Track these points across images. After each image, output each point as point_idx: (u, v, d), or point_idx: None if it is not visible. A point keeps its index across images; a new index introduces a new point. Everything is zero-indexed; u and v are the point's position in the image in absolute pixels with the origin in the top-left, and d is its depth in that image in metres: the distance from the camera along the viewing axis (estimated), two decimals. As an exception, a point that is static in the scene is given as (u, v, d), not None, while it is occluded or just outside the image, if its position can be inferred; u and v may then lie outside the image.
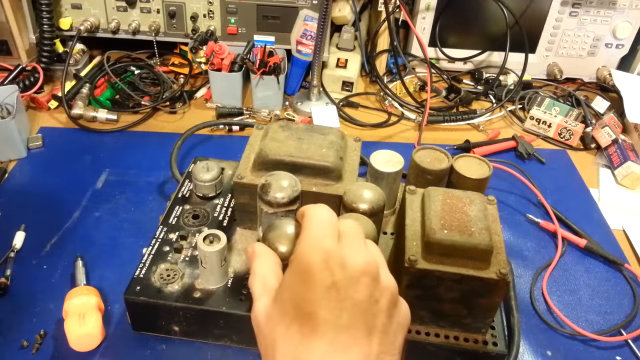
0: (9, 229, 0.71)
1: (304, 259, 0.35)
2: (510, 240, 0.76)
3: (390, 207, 0.69)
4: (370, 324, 0.34)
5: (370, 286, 0.35)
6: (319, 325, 0.33)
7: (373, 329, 0.34)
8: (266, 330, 0.36)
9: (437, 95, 1.07)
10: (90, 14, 1.02)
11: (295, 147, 0.60)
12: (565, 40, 1.11)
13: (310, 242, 0.36)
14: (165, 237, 0.63)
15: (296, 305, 0.35)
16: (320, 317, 0.33)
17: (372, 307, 0.35)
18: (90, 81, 0.99)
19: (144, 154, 0.87)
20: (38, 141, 0.88)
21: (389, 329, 0.36)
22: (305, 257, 0.35)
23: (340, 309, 0.34)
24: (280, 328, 0.35)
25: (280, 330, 0.35)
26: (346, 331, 0.33)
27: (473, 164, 0.64)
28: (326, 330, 0.33)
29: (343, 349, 0.33)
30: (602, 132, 0.95)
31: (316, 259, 0.35)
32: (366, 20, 1.18)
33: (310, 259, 0.35)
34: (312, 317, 0.34)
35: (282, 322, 0.35)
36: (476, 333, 0.56)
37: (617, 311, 0.67)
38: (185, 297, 0.57)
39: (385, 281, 0.36)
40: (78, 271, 0.65)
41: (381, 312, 0.35)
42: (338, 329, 0.33)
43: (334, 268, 0.34)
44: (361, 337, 0.34)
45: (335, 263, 0.35)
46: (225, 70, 0.97)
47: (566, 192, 0.86)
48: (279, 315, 0.36)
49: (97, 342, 0.58)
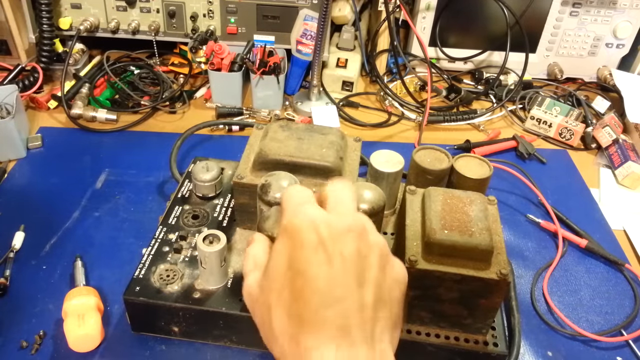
0: (9, 229, 0.71)
1: (289, 225, 0.36)
2: (510, 240, 0.76)
3: (391, 207, 0.69)
4: (361, 277, 0.35)
5: (357, 242, 0.36)
6: (310, 281, 0.34)
7: (365, 281, 0.35)
8: (260, 300, 0.37)
9: (437, 95, 1.07)
10: (90, 13, 1.02)
11: (295, 147, 0.60)
12: (566, 40, 1.11)
13: (293, 210, 0.38)
14: (164, 238, 0.63)
15: (286, 268, 0.35)
16: (310, 273, 0.34)
17: (361, 261, 0.35)
18: (89, 81, 0.99)
19: (143, 154, 0.87)
20: (37, 141, 0.88)
21: (382, 283, 0.36)
22: (291, 223, 0.36)
23: (330, 264, 0.34)
24: (273, 293, 0.36)
25: (273, 296, 0.36)
26: (338, 283, 0.34)
27: (473, 164, 0.64)
28: (318, 284, 0.34)
29: (336, 301, 0.34)
30: (603, 132, 0.95)
31: (301, 222, 0.36)
32: (366, 20, 1.18)
33: (295, 222, 0.36)
34: (302, 274, 0.34)
35: (274, 288, 0.36)
36: (476, 334, 0.56)
37: (617, 311, 0.67)
38: (185, 298, 0.56)
39: (373, 239, 0.37)
40: (77, 271, 0.65)
41: (372, 267, 0.36)
42: (330, 282, 0.34)
43: (320, 228, 0.35)
44: (353, 288, 0.34)
45: (321, 223, 0.36)
46: (225, 70, 0.96)
47: (567, 192, 0.86)
48: (271, 282, 0.36)
49: (96, 343, 0.58)
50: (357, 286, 0.34)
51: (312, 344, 0.33)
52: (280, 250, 0.36)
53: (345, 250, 0.35)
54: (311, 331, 0.33)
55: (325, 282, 0.34)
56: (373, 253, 0.36)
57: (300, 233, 0.35)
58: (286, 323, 0.34)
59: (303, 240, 0.35)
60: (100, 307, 0.60)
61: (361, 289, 0.34)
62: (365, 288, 0.35)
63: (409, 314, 0.55)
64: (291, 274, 0.35)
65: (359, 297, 0.34)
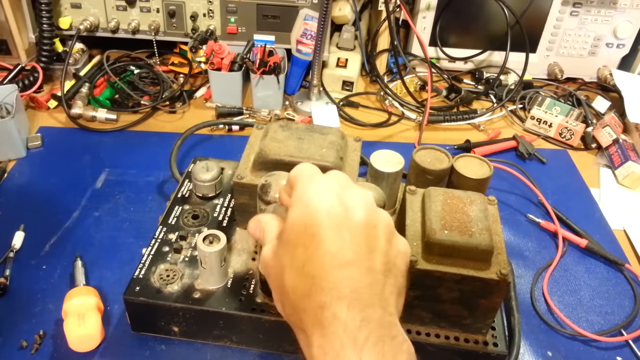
0: (8, 229, 0.71)
1: (303, 193, 0.38)
2: (510, 240, 0.76)
3: (391, 207, 0.69)
4: (370, 244, 0.37)
5: (366, 212, 0.37)
6: (323, 242, 0.35)
7: (374, 248, 0.37)
8: (274, 264, 0.39)
9: (437, 94, 1.07)
10: (90, 13, 1.02)
11: (295, 147, 0.60)
12: (566, 39, 1.11)
13: (305, 181, 0.39)
14: (164, 238, 0.63)
15: (300, 232, 0.37)
16: (323, 235, 0.36)
17: (370, 230, 0.37)
18: (89, 81, 0.99)
19: (143, 153, 0.87)
20: (37, 141, 0.88)
21: (390, 251, 0.38)
22: (304, 191, 0.38)
23: (341, 229, 0.36)
24: (287, 256, 0.37)
25: (287, 258, 0.37)
26: (349, 247, 0.35)
27: (473, 164, 0.64)
28: (331, 246, 0.35)
29: (348, 263, 0.35)
30: (603, 132, 0.95)
31: (314, 190, 0.38)
32: (366, 20, 1.18)
33: (309, 190, 0.38)
34: (316, 236, 0.36)
35: (288, 251, 0.37)
36: (476, 334, 0.56)
37: (617, 311, 0.67)
38: (185, 298, 0.56)
39: (380, 212, 0.39)
40: (77, 271, 0.65)
41: (379, 236, 0.37)
42: (342, 245, 0.35)
43: (332, 196, 0.37)
44: (363, 253, 0.36)
45: (333, 192, 0.38)
46: (225, 70, 0.96)
47: (567, 192, 0.86)
48: (285, 247, 0.38)
49: (96, 343, 0.58)
50: (367, 252, 0.36)
51: (325, 301, 0.34)
52: (294, 217, 0.38)
53: (355, 218, 0.37)
54: (324, 289, 0.34)
55: (337, 246, 0.35)
56: (380, 224, 0.38)
57: (313, 199, 0.37)
58: (299, 282, 0.36)
59: (316, 207, 0.37)
60: (100, 307, 0.60)
61: (370, 255, 0.36)
62: (374, 254, 0.36)
63: (409, 314, 0.55)
64: (305, 237, 0.36)
65: (369, 261, 0.36)
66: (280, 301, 0.39)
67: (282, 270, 0.37)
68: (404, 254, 0.40)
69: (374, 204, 0.39)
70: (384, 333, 0.33)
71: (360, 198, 0.38)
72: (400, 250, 0.39)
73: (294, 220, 0.38)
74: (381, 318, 0.34)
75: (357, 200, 0.38)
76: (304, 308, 0.35)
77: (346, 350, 0.32)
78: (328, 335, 0.33)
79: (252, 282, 0.59)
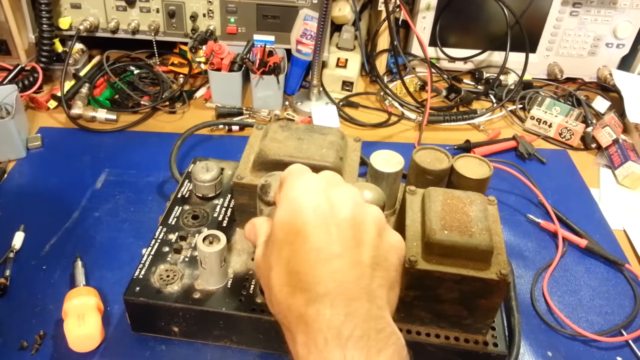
0: (8, 230, 0.71)
1: (290, 191, 0.38)
2: (510, 240, 0.76)
3: (391, 208, 0.69)
4: (357, 239, 0.36)
5: (354, 208, 0.37)
6: (308, 238, 0.35)
7: (361, 242, 0.36)
8: (263, 265, 0.39)
9: (437, 95, 1.07)
10: (90, 13, 1.02)
11: (295, 147, 0.60)
12: (566, 40, 1.11)
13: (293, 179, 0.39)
14: (164, 238, 0.63)
15: (286, 230, 0.37)
16: (309, 232, 0.35)
17: (357, 225, 0.37)
18: (89, 81, 0.99)
19: (143, 154, 0.87)
20: (37, 141, 0.88)
21: (380, 245, 0.37)
22: (291, 188, 0.38)
23: (327, 225, 0.36)
24: (273, 255, 0.37)
25: (274, 256, 0.37)
26: (336, 241, 0.35)
27: (473, 164, 0.64)
28: (316, 242, 0.35)
29: (334, 257, 0.35)
30: (603, 132, 0.95)
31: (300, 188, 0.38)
32: (366, 20, 1.18)
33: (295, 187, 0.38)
34: (301, 233, 0.36)
35: (274, 250, 0.37)
36: (476, 334, 0.56)
37: (617, 311, 0.67)
38: (185, 298, 0.56)
39: (369, 207, 0.39)
40: (77, 271, 0.65)
41: (368, 231, 0.37)
42: (328, 239, 0.35)
43: (318, 195, 0.37)
44: (351, 247, 0.36)
45: (319, 189, 0.38)
46: (225, 70, 0.96)
47: (567, 192, 0.86)
48: (272, 246, 0.38)
49: (96, 343, 0.58)
50: (354, 246, 0.36)
51: (309, 297, 0.34)
52: (280, 216, 0.38)
53: (342, 215, 0.37)
54: (309, 285, 0.34)
55: (323, 241, 0.35)
56: (369, 219, 0.38)
57: (299, 198, 0.37)
58: (285, 279, 0.36)
59: (302, 205, 0.37)
60: (100, 307, 0.60)
61: (357, 249, 0.36)
62: (362, 248, 0.36)
63: (409, 314, 0.55)
64: (291, 235, 0.36)
65: (356, 255, 0.36)
66: (270, 301, 0.38)
67: (269, 270, 0.37)
68: (397, 248, 0.39)
69: (362, 200, 0.39)
70: (369, 326, 0.33)
71: (346, 195, 0.38)
72: (392, 244, 0.39)
73: (280, 219, 0.38)
74: (368, 312, 0.33)
75: (344, 198, 0.38)
76: (289, 306, 0.35)
77: (330, 347, 0.32)
78: (312, 332, 0.33)
79: (252, 282, 0.59)
